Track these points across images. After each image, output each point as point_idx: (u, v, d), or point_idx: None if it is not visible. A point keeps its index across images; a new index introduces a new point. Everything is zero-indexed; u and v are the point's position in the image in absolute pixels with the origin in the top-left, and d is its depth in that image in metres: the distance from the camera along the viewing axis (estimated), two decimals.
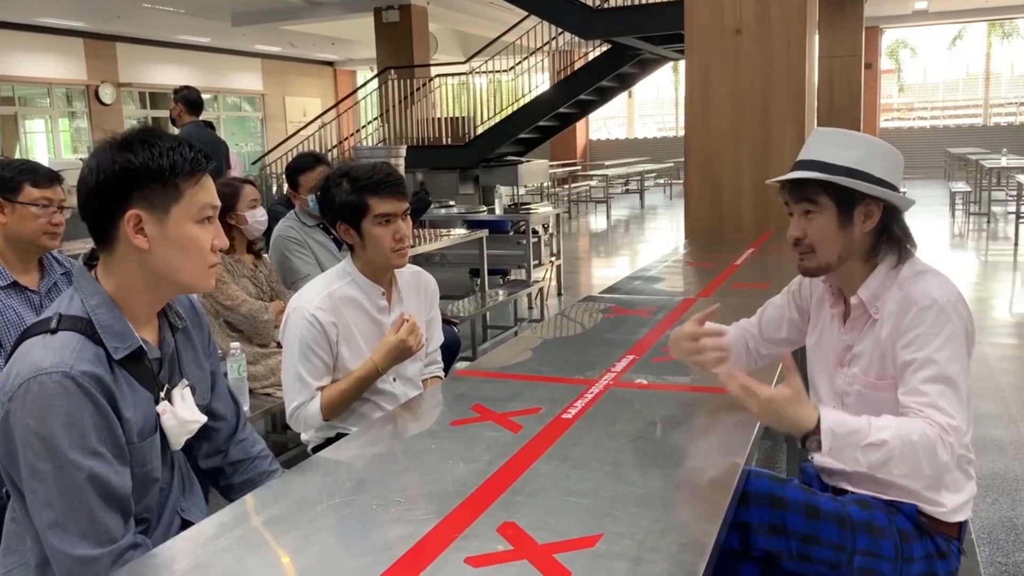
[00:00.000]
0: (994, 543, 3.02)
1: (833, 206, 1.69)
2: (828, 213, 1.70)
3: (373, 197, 2.24)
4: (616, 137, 25.67)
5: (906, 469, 1.56)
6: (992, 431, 4.06)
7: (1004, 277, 8.27)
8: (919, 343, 1.62)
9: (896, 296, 1.69)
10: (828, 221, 1.70)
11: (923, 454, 1.53)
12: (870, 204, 1.69)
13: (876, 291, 1.73)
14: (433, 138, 11.91)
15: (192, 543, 1.38)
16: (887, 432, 1.55)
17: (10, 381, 1.37)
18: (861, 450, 1.55)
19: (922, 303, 1.63)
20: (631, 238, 13.03)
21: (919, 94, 24.72)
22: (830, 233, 1.70)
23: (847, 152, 1.70)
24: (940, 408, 1.57)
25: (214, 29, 15.95)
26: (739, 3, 4.99)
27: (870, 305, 1.73)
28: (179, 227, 1.46)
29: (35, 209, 2.39)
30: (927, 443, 1.53)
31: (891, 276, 1.72)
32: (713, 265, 3.89)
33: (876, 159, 1.71)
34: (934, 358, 1.59)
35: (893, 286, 1.71)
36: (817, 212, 1.71)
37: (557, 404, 1.93)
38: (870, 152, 1.71)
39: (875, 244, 1.73)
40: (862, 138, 1.75)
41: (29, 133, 16.39)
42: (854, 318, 1.78)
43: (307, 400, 2.26)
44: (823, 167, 1.69)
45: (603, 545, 1.28)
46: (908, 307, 1.65)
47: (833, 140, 1.73)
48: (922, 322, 1.62)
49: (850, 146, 1.71)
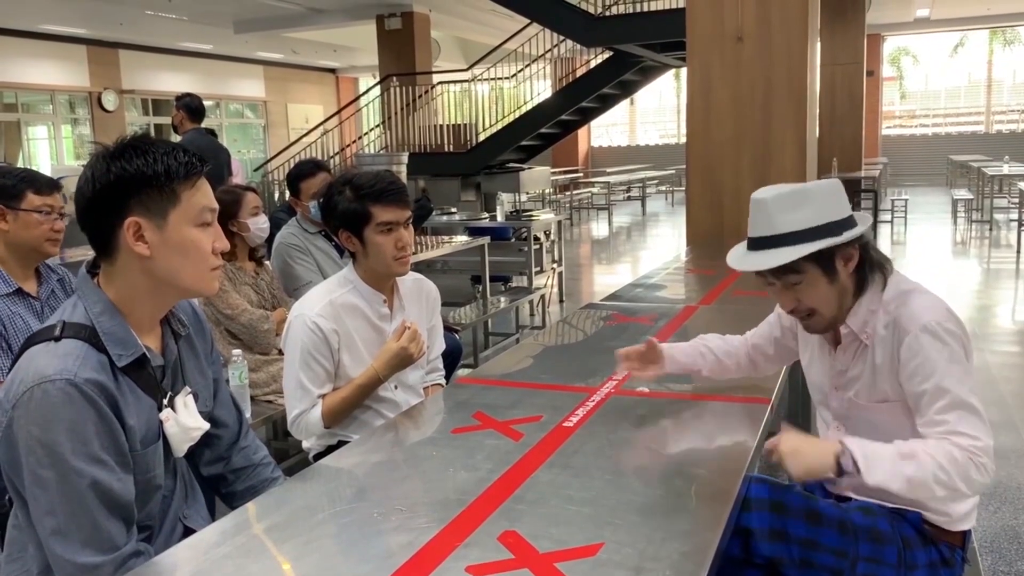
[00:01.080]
0: (997, 552, 3.01)
1: (817, 268, 1.68)
2: (815, 276, 1.69)
3: (376, 205, 2.24)
4: (618, 144, 25.71)
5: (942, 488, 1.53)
6: (995, 439, 4.04)
7: (1006, 285, 8.27)
8: (923, 372, 1.61)
9: (883, 320, 1.70)
10: (817, 284, 1.69)
11: (956, 473, 1.52)
12: (846, 249, 1.69)
13: (864, 318, 1.74)
14: (435, 145, 11.93)
15: (193, 551, 1.38)
16: (910, 445, 1.55)
17: (14, 388, 1.38)
18: (891, 461, 1.53)
19: (912, 330, 1.63)
20: (633, 245, 13.03)
21: (921, 101, 24.73)
22: (823, 293, 1.70)
23: (799, 214, 1.65)
24: (963, 433, 1.56)
25: (216, 36, 15.99)
26: (740, 10, 5.00)
27: (860, 332, 1.74)
28: (179, 232, 1.46)
29: (37, 216, 2.40)
30: (959, 468, 1.53)
31: (875, 301, 1.73)
32: (715, 272, 3.89)
33: (824, 205, 1.67)
34: (943, 386, 1.59)
35: (879, 310, 1.71)
36: (802, 281, 1.69)
37: (559, 412, 1.93)
38: (816, 201, 1.67)
39: (861, 278, 1.74)
40: (802, 192, 1.68)
41: (32, 140, 16.42)
42: (845, 345, 1.79)
43: (308, 407, 2.26)
44: (785, 240, 1.65)
45: (604, 554, 1.28)
46: (900, 335, 1.66)
47: (778, 207, 1.66)
48: (919, 351, 1.62)
49: (798, 206, 1.66)
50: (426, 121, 12.22)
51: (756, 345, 2.07)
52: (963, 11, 17.71)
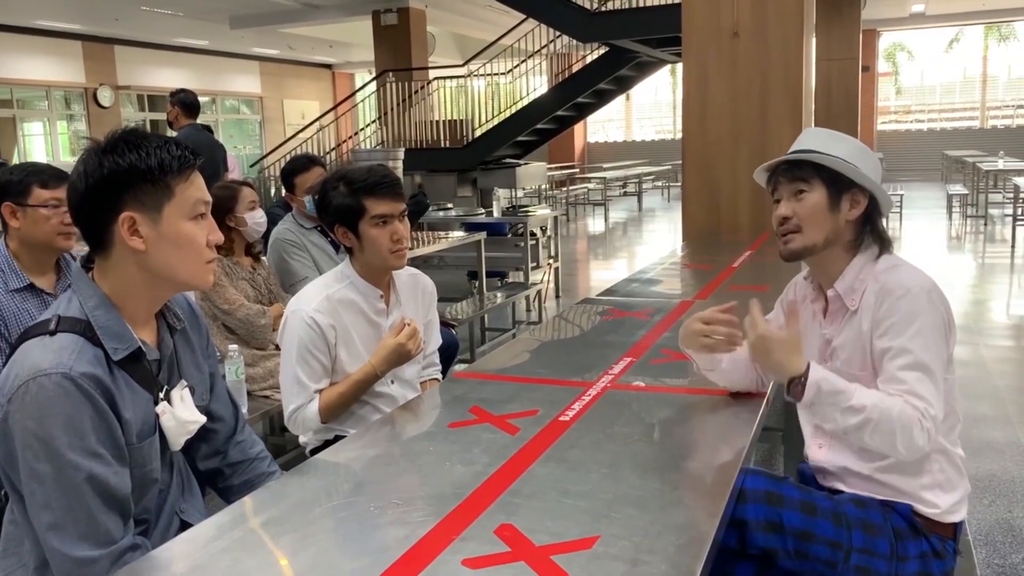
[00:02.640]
0: (991, 545, 3.02)
1: (824, 187, 1.77)
2: (818, 193, 1.78)
3: (369, 198, 2.24)
4: (614, 140, 25.68)
5: (879, 441, 1.62)
6: (989, 433, 4.07)
7: (1001, 279, 8.29)
8: (894, 331, 1.67)
9: (873, 288, 1.75)
10: (818, 201, 1.77)
11: (900, 430, 1.59)
12: (857, 194, 1.78)
13: (852, 283, 1.79)
14: (431, 141, 11.91)
15: (191, 544, 1.38)
16: (868, 400, 1.61)
17: (9, 382, 1.38)
18: (841, 411, 1.62)
19: (896, 292, 1.69)
20: (629, 240, 13.04)
21: (916, 97, 24.72)
22: (819, 213, 1.78)
23: (840, 146, 1.80)
24: (919, 395, 1.62)
25: (212, 32, 15.95)
26: (736, 6, 5.00)
27: (847, 297, 1.79)
28: (173, 225, 1.46)
29: (45, 211, 2.37)
30: (905, 421, 1.59)
31: (867, 269, 1.78)
32: (711, 267, 3.89)
33: (864, 158, 1.80)
34: (909, 347, 1.65)
35: (869, 278, 1.77)
36: (808, 192, 1.78)
37: (555, 406, 1.93)
38: (860, 151, 1.81)
39: (858, 234, 1.80)
40: (851, 139, 1.84)
41: (27, 136, 16.37)
42: (832, 311, 1.84)
43: (305, 402, 2.26)
44: (817, 154, 1.78)
45: (600, 547, 1.29)
46: (884, 297, 1.71)
47: (825, 135, 1.83)
48: (897, 311, 1.68)
49: (842, 141, 1.82)
50: (422, 117, 12.20)
51: None
52: (958, 6, 17.72)
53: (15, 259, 2.39)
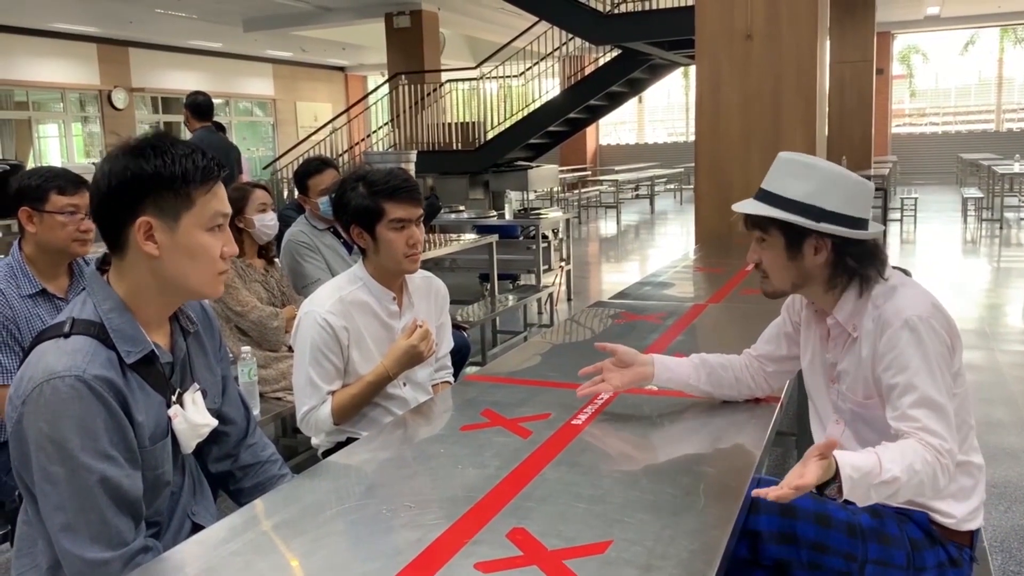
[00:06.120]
0: (1007, 551, 2.99)
1: (781, 239, 1.72)
2: (777, 245, 1.73)
3: (389, 202, 2.25)
4: (626, 142, 25.66)
5: (911, 494, 1.58)
6: (1005, 438, 4.03)
7: (1017, 283, 8.23)
8: (896, 366, 1.63)
9: (872, 315, 1.70)
10: (777, 252, 1.73)
11: (927, 481, 1.55)
12: (818, 239, 1.69)
13: (851, 312, 1.74)
14: (443, 143, 11.94)
15: (202, 547, 1.38)
16: (896, 467, 1.52)
17: (23, 384, 1.38)
18: (875, 488, 1.53)
19: (894, 324, 1.64)
20: (641, 243, 13.01)
21: (931, 99, 24.61)
22: (780, 263, 1.74)
23: (800, 185, 1.69)
24: (932, 431, 1.57)
25: (226, 34, 16.04)
26: (750, 8, 4.98)
27: (847, 324, 1.75)
28: (189, 235, 1.46)
29: (62, 217, 2.37)
30: (929, 471, 1.54)
31: (864, 297, 1.73)
32: (723, 270, 3.88)
33: (831, 192, 1.68)
34: (914, 383, 1.60)
35: (868, 305, 1.72)
36: (768, 239, 1.74)
37: (567, 410, 1.93)
38: (825, 185, 1.68)
39: (831, 276, 1.73)
40: (820, 169, 1.71)
41: (42, 138, 16.51)
42: (834, 337, 1.80)
43: (318, 404, 2.26)
44: (774, 200, 1.70)
45: (613, 551, 1.28)
46: (883, 327, 1.66)
47: (789, 171, 1.72)
48: (896, 344, 1.63)
49: (806, 178, 1.70)
50: (434, 119, 12.23)
51: (761, 354, 2.02)
52: (974, 8, 17.61)
53: (29, 264, 2.41)
